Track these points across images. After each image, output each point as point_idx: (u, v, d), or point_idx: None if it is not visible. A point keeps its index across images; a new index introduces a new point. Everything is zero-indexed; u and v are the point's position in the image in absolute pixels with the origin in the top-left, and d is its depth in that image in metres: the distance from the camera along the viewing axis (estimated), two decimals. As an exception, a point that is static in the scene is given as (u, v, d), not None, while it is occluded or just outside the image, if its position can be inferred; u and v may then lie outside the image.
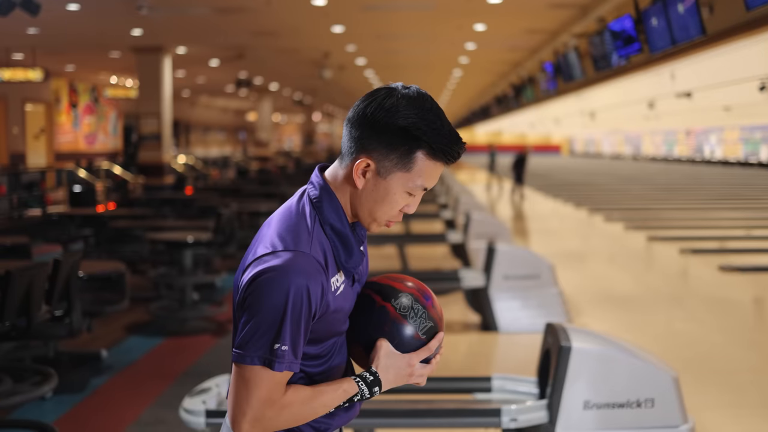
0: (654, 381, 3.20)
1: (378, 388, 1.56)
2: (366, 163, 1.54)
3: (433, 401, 3.46)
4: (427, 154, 1.53)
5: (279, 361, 1.45)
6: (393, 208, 1.57)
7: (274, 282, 1.44)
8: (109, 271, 5.23)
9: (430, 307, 1.63)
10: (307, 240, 1.51)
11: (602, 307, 7.28)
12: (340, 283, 1.56)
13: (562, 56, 13.68)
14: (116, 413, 4.42)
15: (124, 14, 11.69)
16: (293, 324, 1.45)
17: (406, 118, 1.51)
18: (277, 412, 1.49)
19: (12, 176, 12.75)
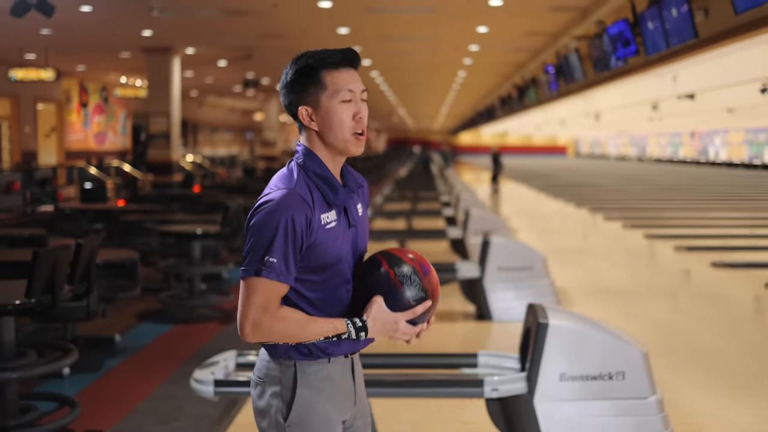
0: (625, 355, 3.49)
1: (364, 333, 1.88)
2: (304, 110, 1.90)
3: (423, 374, 3.75)
4: (328, 68, 1.89)
5: (268, 269, 1.79)
6: (344, 120, 1.89)
7: (267, 211, 1.82)
8: (123, 259, 5.54)
9: (426, 281, 1.93)
10: (293, 182, 1.87)
11: (596, 299, 7.57)
12: (330, 220, 1.89)
13: (564, 58, 13.95)
14: (130, 389, 4.73)
15: (135, 15, 12.02)
16: (281, 242, 1.79)
17: (295, 64, 1.91)
18: (272, 320, 1.81)
19: (25, 173, 13.09)
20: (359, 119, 1.92)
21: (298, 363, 1.92)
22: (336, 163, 1.96)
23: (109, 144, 25.00)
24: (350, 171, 2.04)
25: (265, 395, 1.95)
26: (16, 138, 19.54)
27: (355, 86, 1.91)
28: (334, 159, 1.95)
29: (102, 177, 15.54)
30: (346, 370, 2.00)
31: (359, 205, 2.03)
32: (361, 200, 2.06)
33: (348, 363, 2.01)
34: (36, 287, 3.60)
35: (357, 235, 1.99)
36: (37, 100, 20.22)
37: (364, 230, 2.03)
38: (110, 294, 5.42)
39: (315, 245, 1.86)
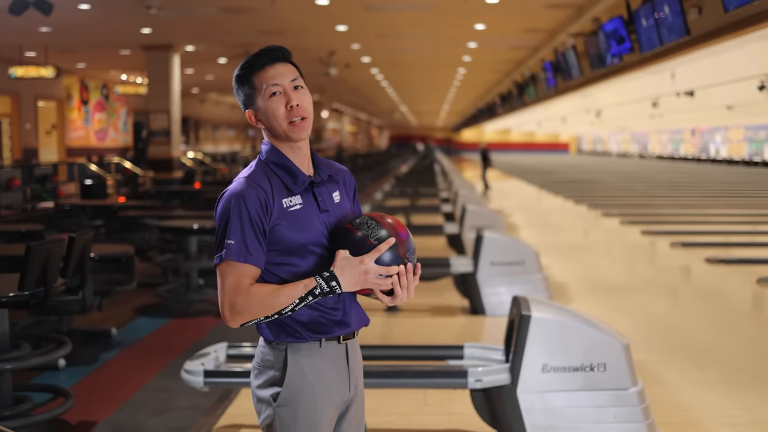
0: (606, 347, 3.55)
1: (335, 282, 1.92)
2: (249, 114, 2.08)
3: (408, 366, 3.82)
4: (256, 71, 2.04)
5: (228, 251, 1.92)
6: (277, 112, 2.02)
7: (222, 200, 1.98)
8: (119, 254, 5.61)
9: (385, 223, 1.98)
10: (248, 172, 2.02)
11: (593, 294, 7.64)
12: (294, 203, 2.01)
13: (561, 55, 14.01)
14: (124, 382, 4.81)
15: (133, 13, 12.08)
16: (236, 224, 1.92)
17: (236, 75, 2.08)
18: (245, 298, 1.91)
19: (25, 169, 13.17)
20: (290, 107, 2.03)
21: (290, 346, 2.01)
22: (296, 151, 2.07)
23: (111, 141, 25.08)
24: (323, 161, 2.14)
25: (260, 379, 2.04)
26: (17, 135, 19.61)
27: (280, 79, 2.03)
28: (291, 148, 2.06)
29: (102, 174, 15.65)
30: (338, 354, 2.06)
31: (336, 192, 2.12)
32: (340, 188, 2.14)
33: (341, 348, 2.07)
34: (29, 280, 3.68)
35: (330, 220, 2.07)
36: (37, 98, 20.29)
37: (343, 216, 2.11)
38: (106, 288, 5.49)
39: (279, 226, 1.97)
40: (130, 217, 8.67)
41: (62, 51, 16.86)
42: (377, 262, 1.93)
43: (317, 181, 2.07)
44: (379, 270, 1.93)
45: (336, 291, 1.93)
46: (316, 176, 2.08)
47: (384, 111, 46.47)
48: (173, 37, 15.02)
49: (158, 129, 16.43)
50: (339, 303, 2.05)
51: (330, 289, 1.92)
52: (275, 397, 2.00)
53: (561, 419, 3.51)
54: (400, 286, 1.96)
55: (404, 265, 1.97)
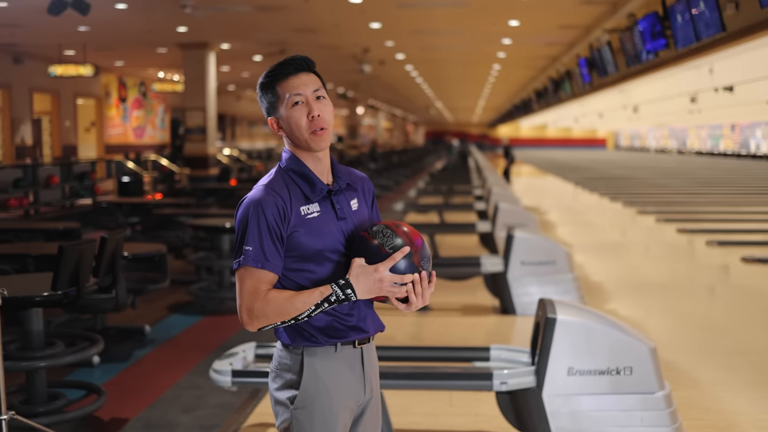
0: (632, 351, 3.53)
1: (350, 290, 1.96)
2: (272, 121, 2.11)
3: (435, 367, 3.84)
4: (280, 80, 2.09)
5: (245, 257, 1.98)
6: (299, 122, 2.06)
7: (241, 207, 2.03)
8: (152, 252, 5.69)
9: (400, 232, 2.01)
10: (267, 180, 2.06)
11: (626, 293, 7.59)
12: (311, 211, 2.05)
13: (597, 51, 13.88)
14: (157, 379, 4.89)
15: (169, 12, 12.21)
16: (254, 230, 1.98)
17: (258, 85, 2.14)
18: (262, 303, 1.96)
19: (64, 167, 13.38)
20: (312, 118, 2.06)
21: (306, 350, 2.05)
22: (316, 160, 2.11)
23: (148, 138, 25.38)
24: (343, 169, 2.18)
25: (277, 382, 2.09)
26: (56, 132, 19.94)
27: (303, 89, 2.08)
28: (311, 157, 2.10)
29: (139, 171, 15.85)
30: (354, 359, 2.10)
31: (354, 200, 2.16)
32: (359, 195, 2.18)
33: (357, 353, 2.11)
34: (62, 280, 3.75)
35: (347, 227, 2.10)
36: (77, 96, 20.61)
37: (361, 223, 2.14)
38: (139, 286, 5.58)
39: (296, 233, 2.01)
40: (164, 215, 8.78)
41: (100, 49, 17.10)
42: (392, 271, 1.97)
43: (335, 189, 2.11)
44: (393, 278, 1.97)
45: (351, 298, 1.97)
46: (334, 184, 2.12)
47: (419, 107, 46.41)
48: (209, 35, 15.16)
49: (194, 126, 16.59)
50: (354, 309, 2.08)
51: (345, 297, 1.96)
52: (292, 400, 2.05)
53: (587, 423, 3.50)
54: (414, 293, 2.00)
55: (419, 273, 2.00)
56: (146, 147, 24.52)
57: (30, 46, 16.58)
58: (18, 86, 17.98)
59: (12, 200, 11.44)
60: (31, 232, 7.27)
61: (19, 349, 3.97)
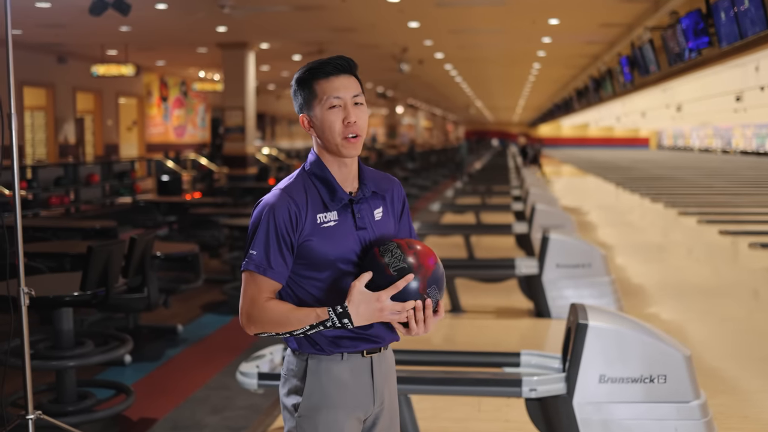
0: (666, 358, 3.44)
1: (347, 320, 1.88)
2: (304, 118, 2.04)
3: (465, 373, 3.77)
4: (320, 78, 2.00)
5: (248, 261, 1.94)
6: (334, 126, 1.98)
7: (255, 210, 1.99)
8: (185, 252, 5.71)
9: (411, 253, 1.93)
10: (285, 183, 2.01)
11: (666, 296, 7.45)
12: (328, 219, 1.98)
13: (638, 49, 13.67)
14: (187, 379, 4.90)
15: (208, 12, 12.28)
16: (262, 235, 1.93)
17: (295, 79, 2.06)
18: (260, 311, 1.92)
19: (105, 165, 13.54)
20: (348, 123, 1.99)
21: (311, 358, 2.00)
22: (342, 165, 2.03)
23: (189, 137, 25.62)
24: (370, 175, 2.11)
25: (285, 387, 2.05)
26: (99, 131, 20.22)
27: (343, 93, 2.00)
28: (338, 163, 2.03)
29: (178, 170, 15.98)
30: (362, 368, 2.03)
31: (379, 209, 2.08)
32: (386, 204, 2.10)
33: (366, 362, 2.03)
34: (91, 280, 3.77)
35: (367, 237, 2.03)
36: (119, 95, 20.87)
37: (383, 234, 2.07)
38: (172, 285, 5.60)
39: (308, 242, 1.95)
40: (200, 215, 8.82)
41: (142, 49, 17.29)
42: (394, 296, 1.89)
43: (358, 198, 2.03)
44: (394, 307, 1.88)
45: (347, 327, 1.89)
46: (358, 192, 2.04)
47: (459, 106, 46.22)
48: (248, 35, 15.23)
49: (233, 125, 16.68)
50: None
51: (341, 325, 1.89)
52: (296, 407, 2.00)
53: (619, 431, 3.41)
54: (415, 320, 1.91)
55: (423, 300, 1.91)
56: (187, 146, 24.74)
57: (73, 46, 16.83)
58: (62, 85, 18.27)
59: (53, 198, 11.60)
60: (69, 230, 7.35)
61: (49, 348, 4.00)
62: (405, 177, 18.68)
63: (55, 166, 12.49)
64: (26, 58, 16.79)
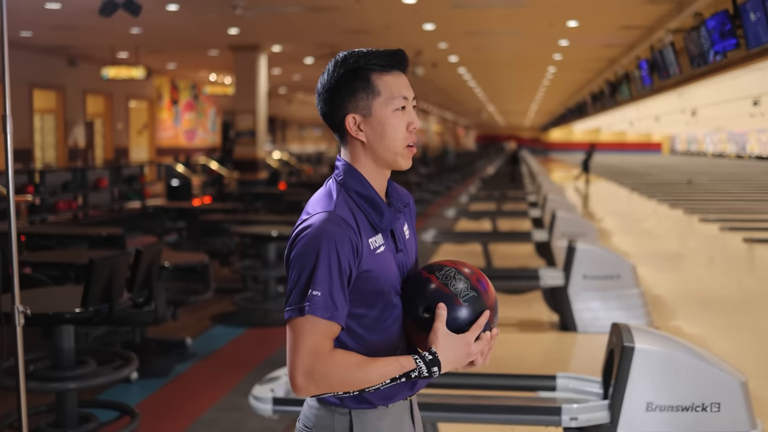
0: (720, 385, 3.14)
1: (437, 368, 1.59)
2: (352, 118, 1.68)
3: (497, 398, 3.49)
4: (378, 71, 1.67)
5: (312, 304, 1.56)
6: (398, 131, 1.67)
7: (306, 240, 1.59)
8: (194, 263, 5.44)
9: (474, 280, 1.67)
10: (332, 204, 1.65)
11: (693, 309, 7.13)
12: (378, 244, 1.67)
13: (658, 52, 13.35)
14: (196, 398, 4.62)
15: (220, 14, 12.05)
16: (324, 272, 1.57)
17: (342, 65, 1.67)
18: (325, 366, 1.56)
19: (113, 170, 13.31)
20: (412, 130, 1.70)
21: (354, 413, 1.69)
22: (381, 179, 1.73)
23: (199, 141, 25.39)
24: (395, 188, 1.82)
25: None
26: (109, 134, 20.01)
27: (408, 93, 1.70)
28: (379, 174, 1.73)
29: (188, 174, 15.74)
30: (405, 413, 1.77)
31: (405, 226, 1.80)
32: (407, 220, 1.83)
33: (407, 405, 1.78)
34: (92, 296, 3.49)
35: (405, 261, 1.75)
36: (129, 98, 20.66)
37: (412, 254, 1.79)
38: (181, 297, 5.33)
39: (366, 273, 1.64)
40: (210, 221, 8.55)
41: (153, 52, 17.07)
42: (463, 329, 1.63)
43: (395, 214, 1.75)
44: (480, 347, 1.62)
45: (435, 376, 1.60)
46: (392, 208, 1.75)
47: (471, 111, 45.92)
48: (260, 37, 14.99)
49: (244, 129, 16.44)
50: None
51: (429, 375, 1.59)
52: None
53: (667, 464, 3.11)
54: (482, 354, 1.65)
55: (490, 331, 1.67)
56: (197, 150, 24.52)
57: (84, 48, 16.62)
58: (72, 88, 18.06)
59: (61, 203, 11.36)
60: (75, 238, 7.09)
61: (49, 368, 3.73)
62: (418, 182, 18.40)
63: (63, 170, 12.25)
64: (36, 60, 16.60)
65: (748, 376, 4.99)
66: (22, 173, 11.08)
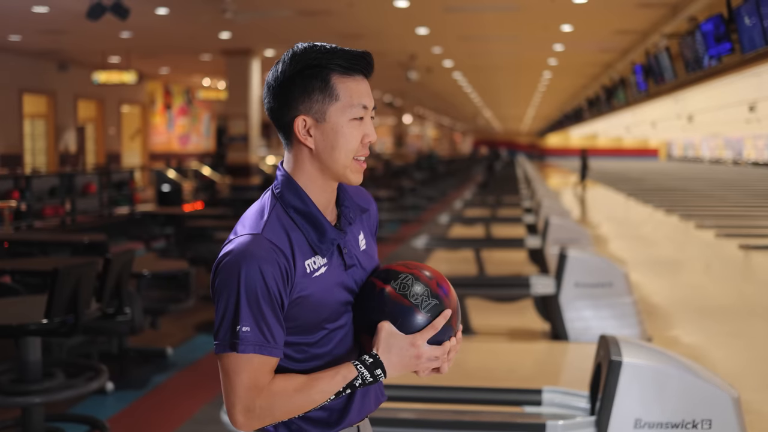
0: (712, 400, 3.00)
1: (380, 370, 1.46)
2: (302, 120, 1.51)
3: (480, 413, 3.35)
4: (339, 73, 1.50)
5: (242, 342, 1.41)
6: (351, 143, 1.50)
7: (227, 268, 1.43)
8: (174, 271, 5.29)
9: (434, 285, 1.53)
10: (261, 224, 1.47)
11: (689, 317, 7.01)
12: (318, 266, 1.50)
13: (653, 57, 13.24)
14: (173, 410, 4.47)
15: (211, 18, 11.92)
16: (251, 304, 1.41)
17: (300, 60, 1.50)
18: (267, 400, 1.43)
19: (102, 175, 13.17)
20: (367, 143, 1.53)
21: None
22: (328, 190, 1.56)
23: (193, 146, 25.25)
24: (351, 194, 1.65)
25: None
26: (101, 140, 19.86)
27: (369, 102, 1.53)
28: (326, 185, 1.55)
29: (179, 180, 15.60)
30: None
31: (361, 234, 1.63)
32: (364, 227, 1.65)
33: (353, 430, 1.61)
34: (57, 306, 3.35)
35: (357, 276, 1.58)
36: (121, 103, 20.52)
37: (369, 266, 1.62)
38: (160, 306, 5.19)
39: (301, 300, 1.47)
40: (196, 227, 8.41)
41: (144, 56, 16.95)
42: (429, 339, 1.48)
43: (344, 228, 1.57)
44: (433, 352, 1.48)
45: (380, 379, 1.47)
46: (342, 220, 1.57)
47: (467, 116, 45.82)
48: (252, 41, 14.87)
49: (236, 134, 16.31)
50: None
51: (374, 379, 1.46)
52: None
53: (657, 484, 2.97)
54: (446, 361, 1.51)
55: (454, 335, 1.52)
56: (191, 155, 24.38)
57: (74, 53, 16.49)
58: (63, 93, 17.93)
59: (47, 209, 11.20)
60: (58, 245, 6.93)
61: (14, 382, 3.58)
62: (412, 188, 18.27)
63: (50, 175, 12.10)
64: (26, 64, 16.48)
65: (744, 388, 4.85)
66: (7, 178, 10.91)
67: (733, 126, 36.16)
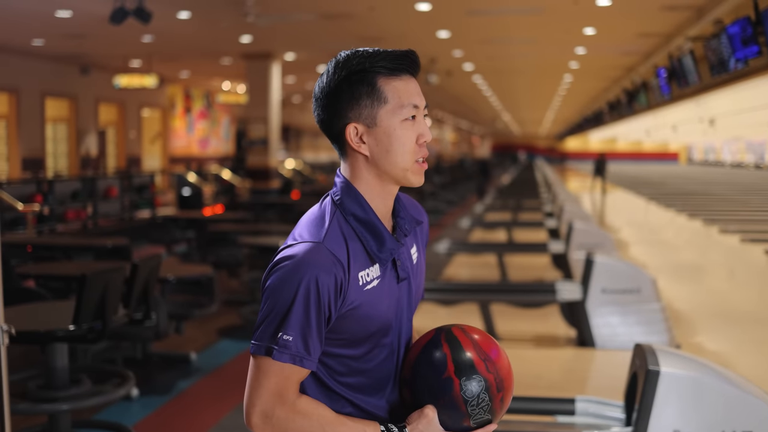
0: (753, 411, 2.93)
1: None
2: (353, 128, 1.47)
3: (512, 422, 3.29)
4: (385, 75, 1.46)
5: (281, 349, 1.39)
6: (406, 144, 1.47)
7: (285, 272, 1.41)
8: (197, 276, 5.26)
9: (498, 401, 1.49)
10: (322, 233, 1.44)
11: (716, 324, 6.90)
12: (371, 278, 1.46)
13: (677, 60, 13.12)
14: (198, 417, 4.44)
15: (232, 22, 11.93)
16: (299, 314, 1.39)
17: (344, 67, 1.46)
18: (288, 414, 1.41)
19: (124, 179, 13.20)
20: (423, 143, 1.49)
21: None
22: (387, 197, 1.51)
23: (212, 149, 25.30)
24: (406, 205, 1.60)
25: None
26: (122, 143, 19.94)
27: (420, 101, 1.48)
28: (384, 193, 1.51)
29: (200, 183, 15.63)
30: None
31: (414, 248, 1.58)
32: (417, 240, 1.61)
33: None
34: (85, 313, 3.32)
35: (410, 290, 1.54)
36: (142, 106, 20.59)
37: (419, 281, 1.58)
38: (184, 311, 5.16)
39: (350, 313, 1.43)
40: (218, 232, 8.39)
41: (165, 60, 16.99)
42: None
43: (400, 238, 1.52)
44: None
45: None
46: (398, 231, 1.53)
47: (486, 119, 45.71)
48: (272, 45, 14.87)
49: (256, 138, 16.31)
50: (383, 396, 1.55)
51: None
52: None
53: (695, 497, 2.90)
54: None
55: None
56: (210, 159, 24.44)
57: (96, 57, 16.56)
58: (84, 97, 18.01)
59: (70, 212, 11.23)
60: (81, 249, 6.93)
61: (41, 388, 3.56)
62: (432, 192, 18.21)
63: (72, 179, 12.14)
64: (49, 68, 16.56)
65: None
66: (30, 182, 10.95)
67: (755, 129, 35.86)
